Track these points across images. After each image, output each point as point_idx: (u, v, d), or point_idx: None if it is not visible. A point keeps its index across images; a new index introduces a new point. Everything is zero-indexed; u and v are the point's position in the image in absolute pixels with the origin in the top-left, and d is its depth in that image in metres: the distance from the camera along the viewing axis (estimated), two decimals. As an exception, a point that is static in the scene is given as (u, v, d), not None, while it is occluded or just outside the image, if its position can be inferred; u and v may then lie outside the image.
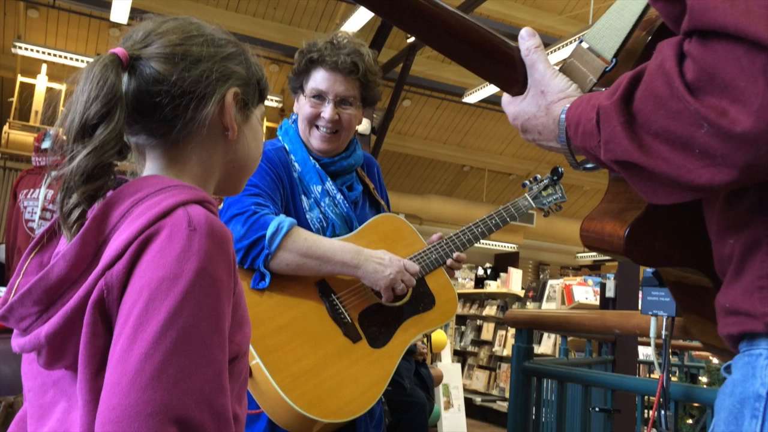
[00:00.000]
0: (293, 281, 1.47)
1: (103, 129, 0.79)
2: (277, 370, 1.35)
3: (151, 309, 0.72)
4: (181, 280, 0.73)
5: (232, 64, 0.91)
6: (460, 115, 11.32)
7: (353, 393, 1.44)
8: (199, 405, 0.72)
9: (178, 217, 0.77)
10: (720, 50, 0.59)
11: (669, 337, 1.39)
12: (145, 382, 0.69)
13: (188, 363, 0.72)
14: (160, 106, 0.85)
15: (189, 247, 0.75)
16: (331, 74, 1.63)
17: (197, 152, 0.89)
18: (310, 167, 1.66)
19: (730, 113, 0.58)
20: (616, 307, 4.13)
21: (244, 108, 0.93)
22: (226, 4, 9.06)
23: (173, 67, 0.85)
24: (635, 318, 1.83)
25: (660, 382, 1.37)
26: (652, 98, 0.64)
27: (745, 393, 0.67)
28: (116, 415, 0.69)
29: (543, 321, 2.65)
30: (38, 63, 8.50)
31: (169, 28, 0.89)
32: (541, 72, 0.86)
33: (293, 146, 1.68)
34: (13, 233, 3.87)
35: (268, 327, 1.41)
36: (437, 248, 1.68)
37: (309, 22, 9.50)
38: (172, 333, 0.71)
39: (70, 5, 7.89)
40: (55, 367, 0.80)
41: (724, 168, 0.60)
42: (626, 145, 0.67)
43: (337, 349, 1.46)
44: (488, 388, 7.99)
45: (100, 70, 0.81)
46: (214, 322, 0.75)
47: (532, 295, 7.61)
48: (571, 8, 9.01)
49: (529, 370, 2.33)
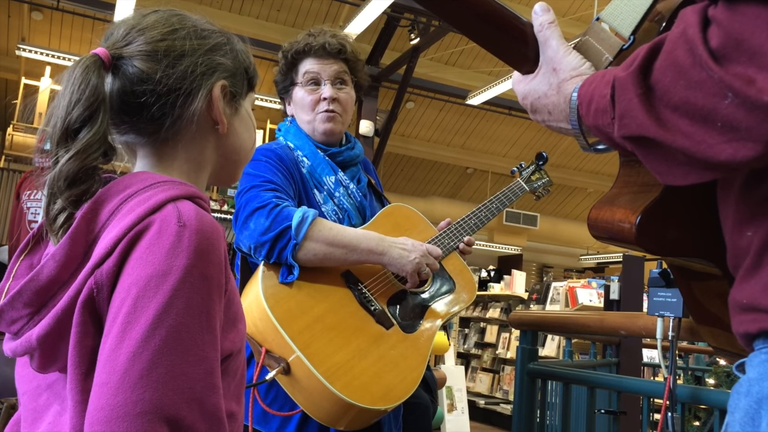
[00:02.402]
0: (320, 273, 1.47)
1: (86, 132, 0.78)
2: (320, 362, 1.34)
3: (139, 307, 0.71)
4: (171, 277, 0.72)
5: (218, 56, 0.89)
6: (464, 117, 11.31)
7: (396, 378, 1.44)
8: (190, 404, 0.71)
9: (168, 212, 0.76)
10: (748, 14, 0.55)
11: (676, 339, 1.38)
12: (133, 382, 0.68)
13: (178, 361, 0.71)
14: (146, 105, 0.83)
15: (178, 244, 0.74)
16: (321, 59, 1.66)
17: (188, 148, 0.88)
18: (321, 159, 1.66)
19: (758, 82, 0.54)
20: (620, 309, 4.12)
21: (232, 100, 0.91)
22: (230, 6, 9.08)
23: (157, 65, 0.83)
24: (641, 319, 1.82)
25: (667, 383, 1.35)
26: (673, 68, 0.60)
27: (762, 392, 0.64)
28: (105, 415, 0.68)
29: (548, 322, 2.64)
30: (42, 65, 8.51)
31: (150, 23, 0.87)
32: (554, 49, 0.82)
33: (299, 142, 1.68)
34: (17, 235, 3.88)
35: (303, 321, 1.40)
36: (448, 233, 1.72)
37: (312, 24, 9.49)
38: (161, 331, 0.70)
39: (74, 7, 7.90)
40: (49, 370, 0.78)
41: (748, 142, 0.56)
42: (642, 118, 0.63)
43: (373, 337, 1.47)
44: (492, 390, 7.97)
45: (81, 73, 0.80)
46: (204, 319, 0.74)
47: (536, 297, 7.60)
48: (575, 10, 9.00)
49: (534, 372, 2.32)
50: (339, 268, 1.51)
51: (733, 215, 0.70)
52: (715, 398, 1.56)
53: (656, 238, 0.78)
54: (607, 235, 0.83)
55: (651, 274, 1.41)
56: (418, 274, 1.53)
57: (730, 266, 0.72)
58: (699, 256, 0.80)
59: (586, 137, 0.80)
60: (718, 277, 0.80)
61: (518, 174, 1.99)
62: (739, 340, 0.69)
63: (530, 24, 0.84)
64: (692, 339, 1.57)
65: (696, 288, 0.89)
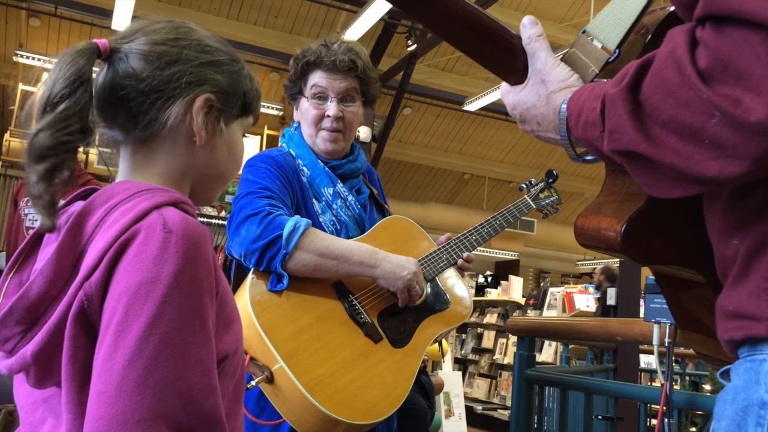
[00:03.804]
0: (310, 283, 1.45)
1: (64, 104, 0.80)
2: (303, 373, 1.32)
3: (131, 315, 0.71)
4: (160, 283, 0.72)
5: (212, 71, 0.90)
6: (461, 123, 11.33)
7: (381, 393, 1.42)
8: (188, 408, 0.71)
9: (153, 220, 0.76)
10: (735, 37, 0.57)
11: (672, 345, 1.39)
12: (130, 389, 0.68)
13: (174, 366, 0.71)
14: (125, 99, 0.85)
15: (165, 250, 0.74)
16: (330, 74, 1.63)
17: (164, 154, 0.89)
18: (320, 170, 1.65)
19: (744, 102, 0.56)
20: (617, 314, 4.13)
21: (219, 116, 0.91)
22: (227, 13, 9.09)
23: (147, 65, 0.85)
24: (638, 325, 1.83)
25: (664, 389, 1.36)
26: (662, 86, 0.62)
27: (748, 400, 0.65)
28: (105, 424, 0.68)
29: (545, 329, 2.64)
30: (39, 71, 8.46)
31: (158, 28, 0.89)
32: (543, 61, 0.84)
33: (300, 151, 1.67)
34: (14, 241, 3.87)
35: (289, 330, 1.38)
36: (447, 249, 1.69)
37: (310, 30, 9.52)
38: (155, 338, 0.70)
39: (72, 14, 7.91)
40: (45, 386, 0.78)
41: (734, 160, 0.58)
42: (632, 134, 0.65)
43: (360, 350, 1.45)
44: (489, 396, 7.97)
45: (72, 54, 0.83)
46: (197, 322, 0.74)
47: (533, 302, 7.60)
48: (571, 17, 9.03)
49: (531, 378, 2.32)
50: (330, 279, 1.49)
51: (720, 225, 0.71)
52: (712, 404, 1.56)
53: (641, 247, 0.80)
54: (593, 243, 0.84)
55: (647, 281, 1.42)
56: (409, 291, 1.51)
57: (718, 274, 0.73)
58: (684, 264, 0.81)
59: (575, 148, 0.81)
60: (703, 285, 0.81)
61: (526, 191, 1.95)
62: (725, 347, 0.70)
63: (519, 36, 0.86)
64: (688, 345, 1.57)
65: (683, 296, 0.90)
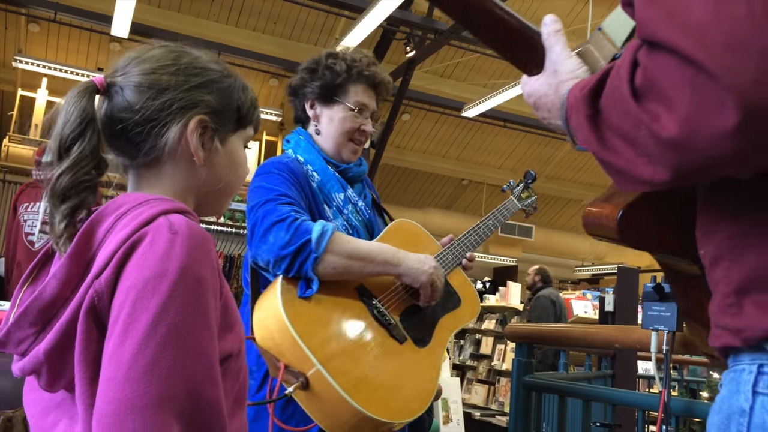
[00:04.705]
0: (335, 288, 1.47)
1: (77, 148, 0.87)
2: (340, 376, 1.34)
3: (139, 307, 0.75)
4: (166, 278, 0.77)
5: (201, 93, 0.94)
6: (459, 129, 11.35)
7: (412, 392, 1.45)
8: (192, 396, 0.75)
9: (160, 223, 0.82)
10: (660, 60, 0.62)
11: (670, 352, 1.39)
12: (139, 376, 0.73)
13: (180, 356, 0.75)
14: (124, 130, 0.92)
15: (171, 249, 0.79)
16: (371, 90, 1.71)
17: (169, 174, 0.95)
18: (331, 175, 1.67)
19: (662, 119, 0.62)
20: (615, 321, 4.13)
21: (214, 135, 0.96)
22: (226, 19, 9.11)
23: (140, 96, 0.91)
24: (636, 333, 1.83)
25: (662, 397, 1.36)
26: (612, 96, 0.68)
27: (731, 409, 0.68)
28: (113, 408, 0.72)
29: (543, 335, 2.64)
30: (39, 77, 8.52)
31: (149, 56, 0.95)
32: (557, 53, 0.90)
33: (309, 156, 1.68)
34: (13, 247, 3.87)
35: (323, 334, 1.40)
36: (452, 249, 1.74)
37: (308, 36, 9.55)
38: (162, 328, 0.75)
39: (71, 19, 7.93)
40: (56, 387, 0.82)
41: (660, 167, 0.64)
42: (588, 136, 0.72)
43: (389, 351, 1.47)
44: (487, 402, 7.96)
45: (74, 96, 0.90)
46: (201, 317, 0.79)
47: (531, 308, 7.59)
48: (570, 23, 9.06)
49: (530, 385, 2.33)
50: (353, 283, 1.51)
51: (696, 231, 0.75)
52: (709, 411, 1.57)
53: (637, 234, 0.84)
54: (596, 231, 0.89)
55: (645, 288, 1.42)
56: (432, 285, 1.54)
57: None
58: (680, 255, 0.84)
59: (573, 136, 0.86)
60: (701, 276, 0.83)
61: (510, 192, 2.04)
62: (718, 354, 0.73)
63: (539, 33, 0.93)
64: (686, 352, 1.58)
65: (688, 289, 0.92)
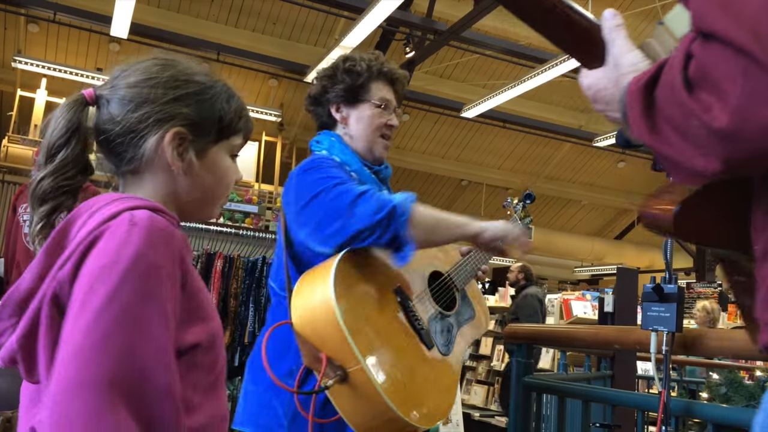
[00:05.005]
0: (375, 288, 1.48)
1: (62, 154, 0.95)
2: (380, 376, 1.35)
3: (91, 291, 0.79)
4: (119, 264, 0.81)
5: (179, 106, 0.98)
6: (459, 129, 11.35)
7: (437, 399, 1.47)
8: (138, 378, 0.78)
9: (123, 218, 0.86)
10: (713, 51, 0.63)
11: (669, 353, 1.39)
12: (85, 356, 0.76)
13: (127, 338, 0.78)
14: (109, 141, 0.98)
15: (128, 238, 0.83)
16: (390, 86, 1.77)
17: (150, 182, 1.00)
18: (368, 175, 1.70)
19: (714, 110, 0.62)
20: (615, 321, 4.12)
21: (192, 145, 0.99)
22: (226, 19, 9.11)
23: (122, 108, 0.97)
24: (635, 333, 1.83)
25: (662, 397, 1.37)
26: (666, 87, 0.70)
27: None
28: (60, 387, 0.75)
29: (542, 336, 2.64)
30: (38, 77, 8.52)
31: (134, 69, 1.00)
32: (619, 47, 0.90)
33: (345, 157, 1.70)
34: (12, 247, 3.86)
35: (368, 333, 1.39)
36: (470, 260, 1.76)
37: (308, 37, 9.54)
38: (111, 311, 0.78)
39: (71, 20, 7.92)
40: (34, 376, 0.85)
41: (711, 158, 0.65)
42: (642, 128, 0.73)
43: (419, 357, 1.49)
44: (487, 403, 7.96)
45: (64, 107, 0.97)
46: (154, 303, 0.82)
47: (531, 309, 7.58)
48: (569, 24, 9.04)
49: (529, 385, 2.32)
50: (391, 284, 1.51)
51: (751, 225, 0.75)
52: (709, 412, 1.57)
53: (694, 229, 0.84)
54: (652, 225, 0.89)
55: (645, 289, 1.42)
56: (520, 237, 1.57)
57: None
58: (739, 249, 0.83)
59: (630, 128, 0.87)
60: None
61: (512, 210, 2.07)
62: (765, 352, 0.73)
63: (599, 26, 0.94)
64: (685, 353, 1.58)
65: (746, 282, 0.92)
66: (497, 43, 8.15)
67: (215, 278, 3.22)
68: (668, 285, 1.37)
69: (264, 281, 3.39)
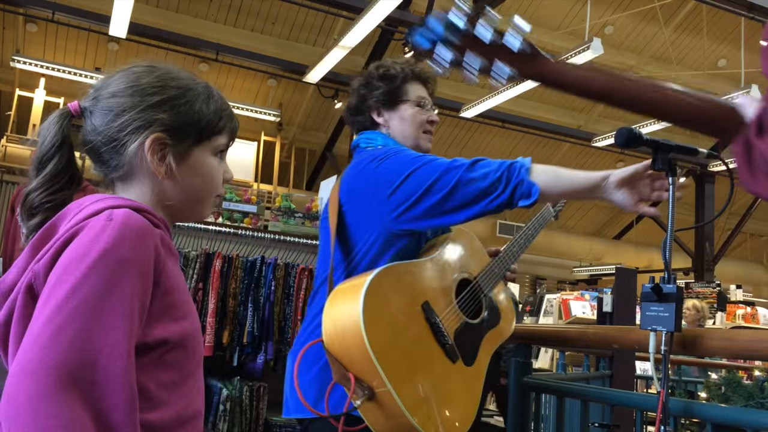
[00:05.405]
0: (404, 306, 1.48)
1: (52, 165, 1.00)
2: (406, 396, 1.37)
3: (59, 282, 0.83)
4: (88, 257, 0.84)
5: (156, 112, 1.01)
6: (458, 129, 11.35)
7: (458, 414, 1.49)
8: (91, 367, 0.80)
9: (102, 215, 0.90)
10: None
11: (668, 353, 1.39)
12: (43, 342, 0.79)
13: (87, 327, 0.81)
14: (94, 150, 1.02)
15: (101, 233, 0.86)
16: (423, 85, 1.86)
17: (137, 186, 1.03)
18: None
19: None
20: (614, 321, 4.13)
21: (174, 149, 1.02)
22: (225, 19, 9.10)
23: (103, 118, 1.01)
24: (634, 333, 1.83)
25: (661, 397, 1.36)
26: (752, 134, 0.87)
27: None
28: (18, 369, 0.78)
29: (541, 336, 2.64)
30: (37, 77, 8.52)
31: (114, 79, 1.03)
32: None
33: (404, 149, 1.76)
34: (11, 247, 3.86)
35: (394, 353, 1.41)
36: (499, 262, 1.80)
37: (307, 37, 9.54)
38: (74, 300, 0.81)
39: (69, 19, 7.92)
40: None
41: None
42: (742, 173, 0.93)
43: (444, 372, 1.50)
44: (485, 402, 7.96)
45: (51, 120, 1.02)
46: (118, 295, 0.84)
47: (529, 309, 7.59)
48: (567, 24, 9.07)
49: (528, 385, 2.32)
50: (419, 298, 1.51)
51: None
52: (708, 412, 1.57)
53: None
54: None
55: (644, 289, 1.42)
56: None
57: None
58: None
59: None
60: None
61: None
62: None
63: None
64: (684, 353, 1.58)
65: None
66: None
67: (214, 278, 3.22)
68: (667, 285, 1.37)
69: (263, 281, 3.39)
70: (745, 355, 1.38)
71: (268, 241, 3.79)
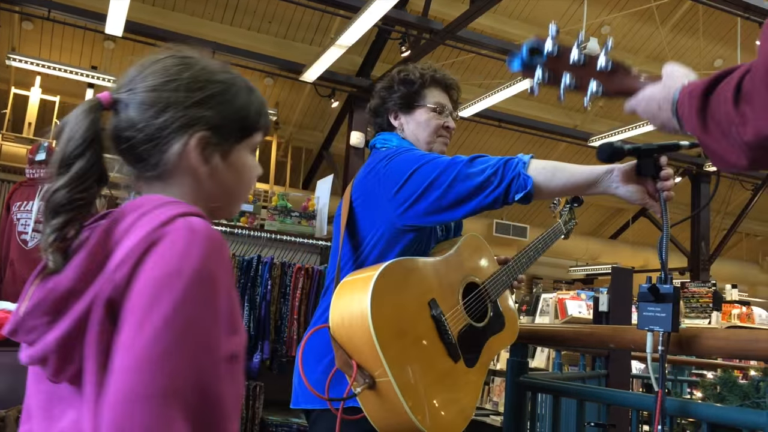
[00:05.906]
0: (411, 301, 1.49)
1: (77, 165, 0.89)
2: (406, 390, 1.38)
3: (156, 301, 0.78)
4: (184, 275, 0.79)
5: (202, 109, 0.95)
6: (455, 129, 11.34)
7: (456, 412, 1.50)
8: (199, 391, 0.78)
9: (179, 224, 0.84)
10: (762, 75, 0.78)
11: (665, 353, 1.39)
12: (150, 367, 0.75)
13: (191, 351, 0.78)
14: (132, 147, 0.94)
15: (190, 248, 0.81)
16: (444, 92, 1.87)
17: (177, 186, 0.97)
18: None
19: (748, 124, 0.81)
20: (610, 321, 4.14)
21: (217, 148, 0.97)
22: (221, 18, 9.09)
23: (142, 114, 0.93)
24: (630, 332, 1.83)
25: (658, 397, 1.37)
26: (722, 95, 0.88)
27: None
28: (122, 396, 0.74)
29: (538, 335, 2.64)
30: (32, 75, 8.49)
31: (152, 71, 0.96)
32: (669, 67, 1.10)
33: None
34: (6, 245, 3.85)
35: (399, 346, 1.42)
36: (507, 271, 1.81)
37: (304, 36, 9.53)
38: (177, 322, 0.77)
39: (65, 17, 7.89)
40: (62, 376, 0.83)
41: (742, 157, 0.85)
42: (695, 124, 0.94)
43: (445, 370, 1.51)
44: (481, 402, 7.97)
45: (81, 113, 0.91)
46: (213, 315, 0.81)
47: (526, 308, 7.60)
48: (564, 24, 9.07)
49: (524, 385, 2.33)
50: (426, 296, 1.52)
51: None
52: (703, 411, 1.57)
53: None
54: None
55: (640, 289, 1.42)
56: None
57: None
58: None
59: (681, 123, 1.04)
60: None
61: (558, 215, 2.11)
62: None
63: None
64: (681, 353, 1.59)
65: None
66: (493, 43, 8.16)
67: (210, 277, 3.22)
68: (664, 285, 1.37)
69: (259, 280, 3.38)
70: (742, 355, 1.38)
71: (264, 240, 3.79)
